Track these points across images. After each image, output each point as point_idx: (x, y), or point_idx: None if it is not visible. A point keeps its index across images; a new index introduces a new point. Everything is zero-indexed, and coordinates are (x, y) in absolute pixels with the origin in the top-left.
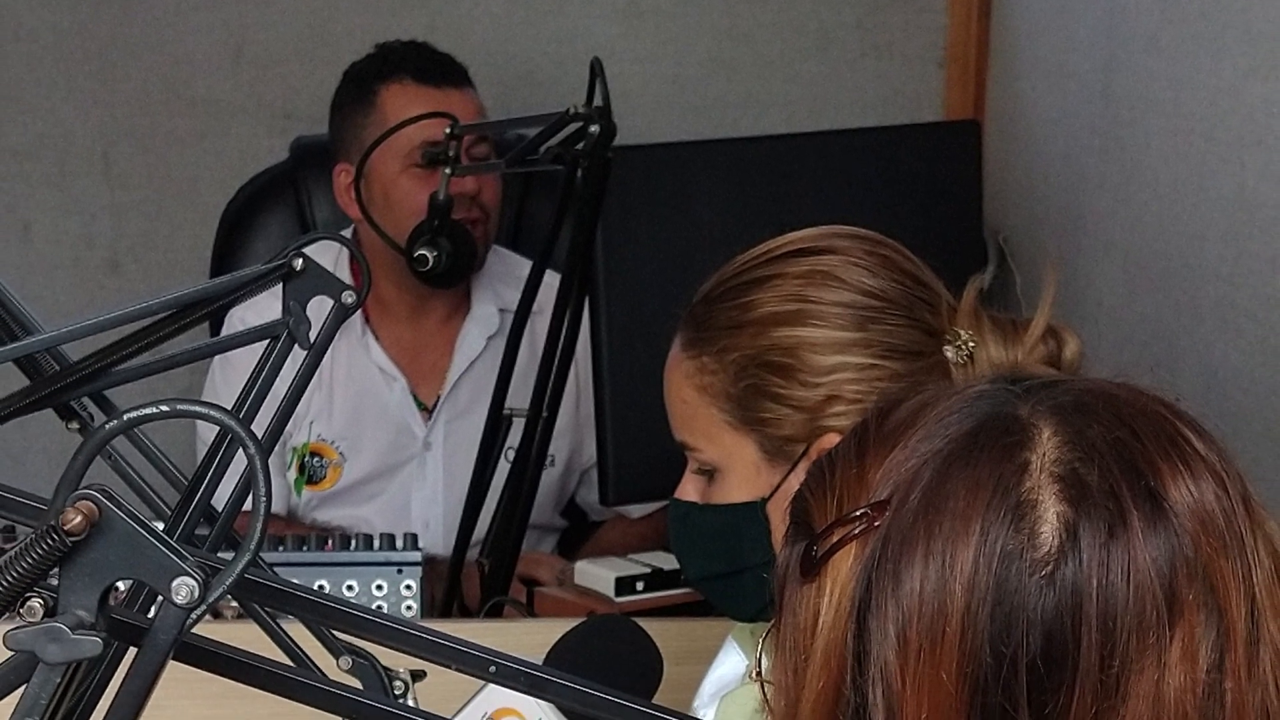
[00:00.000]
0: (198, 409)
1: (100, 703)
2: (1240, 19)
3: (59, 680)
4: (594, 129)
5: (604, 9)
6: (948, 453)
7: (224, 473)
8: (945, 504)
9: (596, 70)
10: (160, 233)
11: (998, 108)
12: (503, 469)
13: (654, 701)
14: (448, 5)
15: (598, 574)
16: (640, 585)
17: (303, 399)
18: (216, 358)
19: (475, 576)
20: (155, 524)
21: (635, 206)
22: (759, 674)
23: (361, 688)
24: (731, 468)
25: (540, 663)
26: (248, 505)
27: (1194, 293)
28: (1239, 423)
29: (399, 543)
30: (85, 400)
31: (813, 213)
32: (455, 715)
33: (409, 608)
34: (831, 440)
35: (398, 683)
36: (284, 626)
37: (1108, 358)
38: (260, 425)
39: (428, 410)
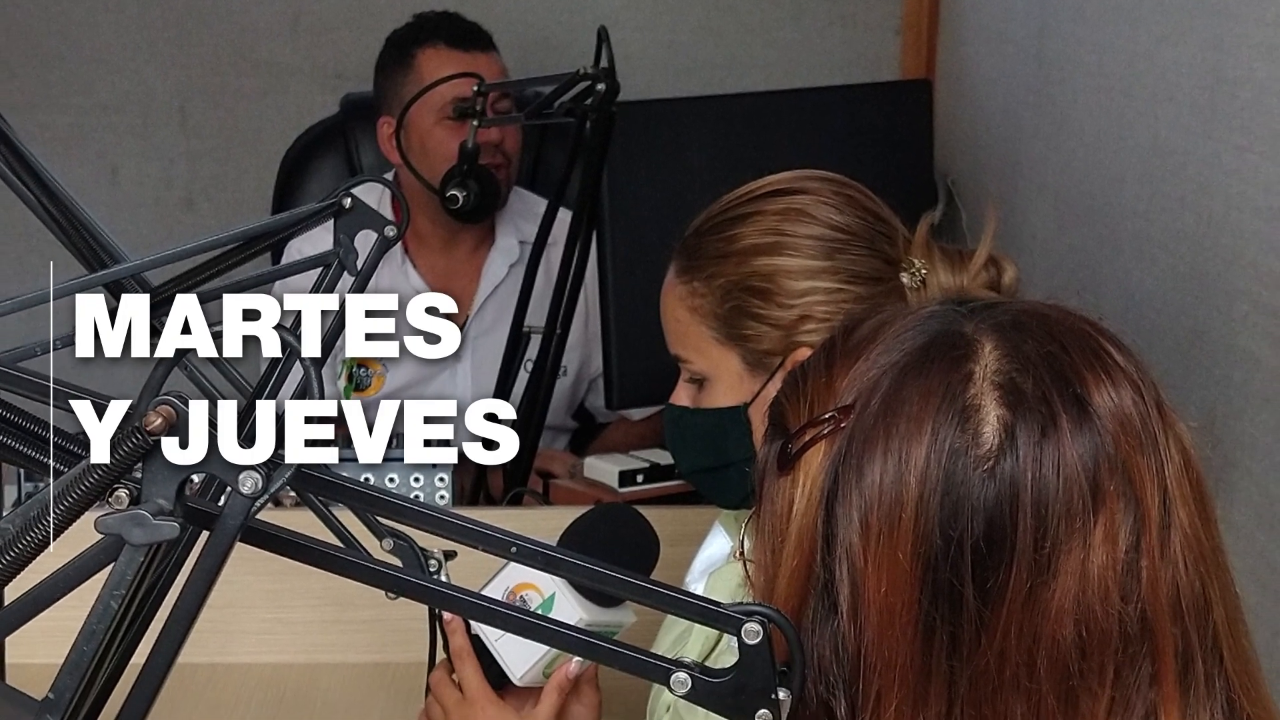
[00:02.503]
0: None
1: (176, 579)
2: None
3: (142, 560)
4: (600, 87)
5: None
6: (903, 364)
7: (284, 381)
8: (901, 408)
9: (603, 37)
10: (229, 176)
11: (946, 69)
12: (522, 378)
13: (651, 577)
14: None
15: (604, 468)
16: (640, 478)
17: None
18: (277, 283)
19: (499, 470)
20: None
21: (636, 153)
22: (742, 554)
23: (401, 565)
24: (718, 377)
25: (554, 544)
26: None
27: (1114, 227)
28: (1153, 338)
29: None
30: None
31: (787, 158)
32: (482, 589)
33: (442, 497)
34: (804, 353)
35: (432, 561)
36: (335, 513)
37: (1041, 283)
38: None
39: (459, 327)
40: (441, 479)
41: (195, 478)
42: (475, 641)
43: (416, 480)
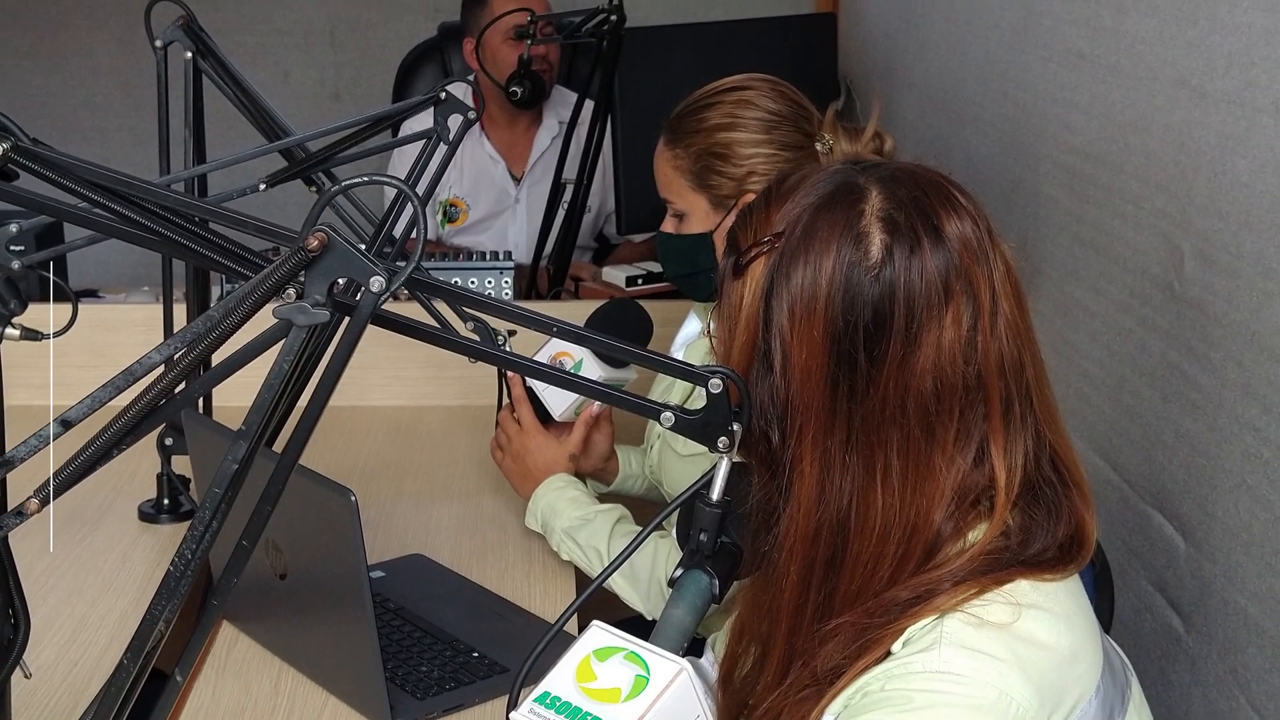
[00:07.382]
0: (385, 179)
1: (326, 352)
2: None
3: (305, 336)
4: (614, 17)
5: None
6: (817, 204)
7: (400, 215)
8: (816, 234)
9: None
10: (363, 78)
11: (846, 4)
12: (560, 215)
13: (648, 348)
14: None
15: (615, 274)
16: (640, 281)
17: (445, 173)
18: (396, 149)
19: (544, 276)
20: (360, 245)
21: (637, 63)
22: (709, 333)
23: (479, 340)
24: (692, 213)
25: (583, 325)
26: (414, 234)
27: (960, 111)
28: (985, 186)
29: (501, 257)
30: (320, 174)
31: (738, 64)
32: (533, 355)
33: (506, 294)
34: (750, 198)
35: (500, 337)
36: (434, 305)
37: (910, 150)
38: (420, 188)
39: (517, 180)
40: (506, 281)
41: (340, 281)
42: (528, 391)
43: (489, 282)
